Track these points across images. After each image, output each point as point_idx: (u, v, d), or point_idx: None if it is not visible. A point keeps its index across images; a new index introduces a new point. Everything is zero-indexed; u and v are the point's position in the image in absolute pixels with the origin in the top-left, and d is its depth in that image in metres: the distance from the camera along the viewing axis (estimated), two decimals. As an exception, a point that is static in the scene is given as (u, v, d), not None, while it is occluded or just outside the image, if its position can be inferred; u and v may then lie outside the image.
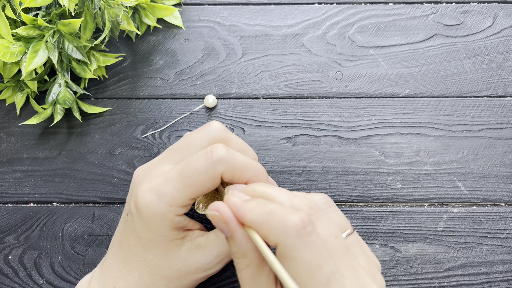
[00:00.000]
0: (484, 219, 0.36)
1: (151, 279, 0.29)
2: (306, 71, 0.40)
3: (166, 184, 0.27)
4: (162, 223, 0.27)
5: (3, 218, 0.37)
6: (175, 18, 0.41)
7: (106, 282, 0.29)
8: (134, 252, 0.29)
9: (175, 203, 0.27)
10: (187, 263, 0.29)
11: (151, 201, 0.27)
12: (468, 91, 0.39)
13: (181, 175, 0.26)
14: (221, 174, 0.26)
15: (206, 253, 0.29)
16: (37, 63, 0.33)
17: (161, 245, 0.28)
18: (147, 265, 0.29)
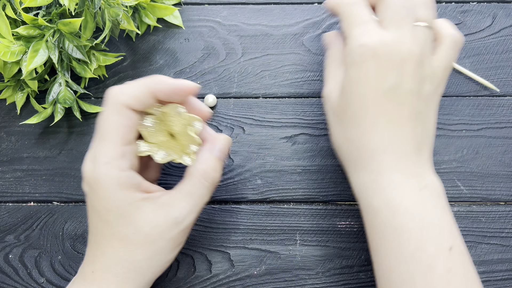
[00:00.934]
0: (483, 218, 0.36)
1: (125, 251, 0.28)
2: (306, 71, 0.40)
3: (94, 148, 0.28)
4: (110, 185, 0.27)
5: (4, 217, 0.37)
6: (175, 18, 0.41)
7: (86, 269, 0.29)
8: (100, 230, 0.28)
9: (110, 158, 0.27)
10: (156, 223, 0.28)
11: (91, 168, 0.27)
12: (468, 90, 0.39)
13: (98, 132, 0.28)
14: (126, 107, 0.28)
15: (173, 208, 0.28)
16: (37, 63, 0.33)
17: (121, 212, 0.27)
18: (116, 238, 0.28)
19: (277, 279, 0.35)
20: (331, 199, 0.37)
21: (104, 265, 0.28)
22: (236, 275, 0.35)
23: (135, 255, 0.28)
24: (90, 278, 0.29)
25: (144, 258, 0.28)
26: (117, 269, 0.28)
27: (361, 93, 0.29)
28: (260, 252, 0.35)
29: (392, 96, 0.28)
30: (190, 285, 0.35)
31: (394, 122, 0.29)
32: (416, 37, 0.29)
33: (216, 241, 0.36)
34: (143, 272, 0.29)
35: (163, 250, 0.29)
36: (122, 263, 0.28)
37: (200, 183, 0.29)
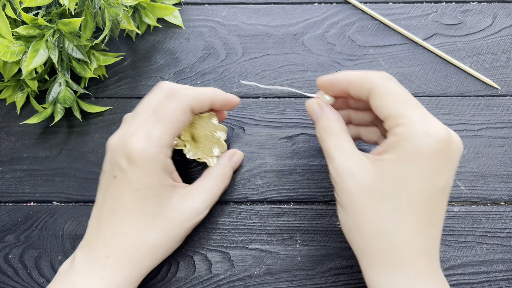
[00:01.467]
0: (484, 218, 0.36)
1: (148, 233, 0.30)
2: (306, 71, 0.40)
3: (151, 130, 0.29)
4: (157, 166, 0.29)
5: (4, 217, 0.37)
6: (175, 18, 0.41)
7: (97, 254, 0.29)
8: (131, 209, 0.29)
9: (163, 143, 0.29)
10: (181, 210, 0.31)
11: (144, 146, 0.28)
12: (468, 90, 0.39)
13: (160, 119, 0.29)
14: (190, 107, 0.30)
15: (196, 199, 0.32)
16: (37, 63, 0.33)
17: (157, 192, 0.29)
18: (144, 219, 0.29)
19: (277, 279, 0.35)
20: (332, 199, 0.37)
21: (123, 248, 0.29)
22: (236, 275, 0.35)
23: (156, 237, 0.30)
24: (102, 263, 0.29)
25: (163, 242, 0.30)
26: (134, 253, 0.29)
27: (415, 187, 0.26)
28: (260, 252, 0.35)
29: (441, 195, 0.27)
30: (190, 285, 0.35)
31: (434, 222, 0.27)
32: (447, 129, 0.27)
33: (216, 241, 0.36)
34: (155, 258, 0.30)
35: (179, 237, 0.31)
36: (142, 246, 0.29)
37: (217, 184, 0.34)
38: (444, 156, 0.26)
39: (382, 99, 0.27)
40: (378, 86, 0.27)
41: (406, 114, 0.26)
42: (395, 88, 0.27)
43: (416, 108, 0.26)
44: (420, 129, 0.25)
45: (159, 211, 0.30)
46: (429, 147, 0.25)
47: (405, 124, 0.26)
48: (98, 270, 0.29)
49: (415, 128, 0.25)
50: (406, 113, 0.26)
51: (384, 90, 0.27)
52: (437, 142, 0.25)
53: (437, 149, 0.25)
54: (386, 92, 0.27)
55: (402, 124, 0.26)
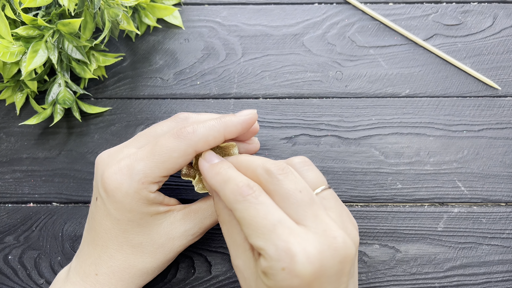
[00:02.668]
0: (484, 219, 0.36)
1: (136, 258, 0.29)
2: (306, 71, 0.40)
3: (137, 162, 0.27)
4: (137, 201, 0.27)
5: (3, 218, 0.37)
6: (175, 18, 0.41)
7: (87, 271, 0.29)
8: (113, 235, 0.28)
9: (147, 180, 0.27)
10: (172, 236, 0.29)
11: (121, 181, 0.27)
12: (468, 91, 0.39)
13: (152, 153, 0.27)
14: (193, 149, 0.27)
15: (190, 225, 0.30)
16: (36, 63, 0.33)
17: (142, 222, 0.28)
18: (130, 245, 0.28)
19: (277, 280, 0.35)
20: (332, 200, 0.37)
21: (111, 269, 0.28)
22: (235, 276, 0.35)
23: (144, 262, 0.29)
24: (92, 280, 0.28)
25: (152, 266, 0.29)
26: (124, 274, 0.29)
27: None
28: (260, 253, 0.35)
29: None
30: (190, 286, 0.35)
31: None
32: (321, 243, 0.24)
33: (216, 242, 0.36)
34: (147, 277, 0.30)
35: (169, 260, 0.30)
36: (130, 268, 0.29)
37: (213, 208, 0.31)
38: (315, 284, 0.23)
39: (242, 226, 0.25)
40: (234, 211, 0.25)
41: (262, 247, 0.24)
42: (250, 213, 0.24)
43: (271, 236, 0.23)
44: (276, 266, 0.23)
45: (146, 239, 0.29)
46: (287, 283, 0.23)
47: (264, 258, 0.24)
48: (90, 286, 0.28)
49: (272, 265, 0.23)
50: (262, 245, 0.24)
51: (239, 215, 0.24)
52: (295, 277, 0.23)
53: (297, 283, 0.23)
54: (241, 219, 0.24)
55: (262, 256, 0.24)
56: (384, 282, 0.35)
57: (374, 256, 0.35)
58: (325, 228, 0.24)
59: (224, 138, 0.28)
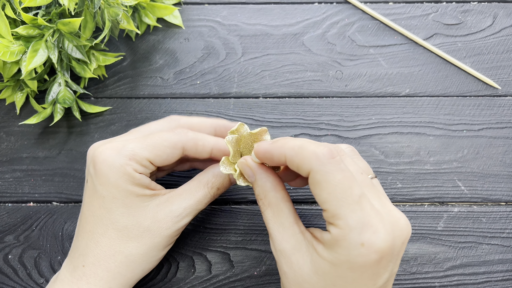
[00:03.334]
0: (484, 219, 0.36)
1: (121, 242, 0.28)
2: (306, 71, 0.40)
3: (128, 142, 0.28)
4: (122, 176, 0.28)
5: (3, 218, 0.37)
6: (175, 18, 0.41)
7: (75, 263, 0.29)
8: (99, 217, 0.28)
9: (134, 158, 0.28)
10: (157, 218, 0.29)
11: (109, 154, 0.28)
12: (468, 90, 0.39)
13: (144, 138, 0.29)
14: (182, 145, 0.29)
15: (175, 206, 0.29)
16: (37, 63, 0.33)
17: (127, 202, 0.28)
18: (115, 228, 0.28)
19: (277, 280, 0.35)
20: (332, 199, 0.37)
21: (97, 258, 0.28)
22: (236, 275, 0.35)
23: (130, 248, 0.28)
24: (79, 273, 0.28)
25: (139, 252, 0.29)
26: (109, 263, 0.28)
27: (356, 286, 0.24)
28: (260, 253, 0.35)
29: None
30: (190, 285, 0.35)
31: None
32: (391, 222, 0.24)
33: (216, 242, 0.36)
34: (135, 268, 0.29)
35: (157, 247, 0.29)
36: (116, 255, 0.28)
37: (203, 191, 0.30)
38: (383, 262, 0.23)
39: (320, 189, 0.24)
40: (315, 172, 0.24)
41: (342, 215, 0.23)
42: (334, 177, 0.23)
43: (355, 207, 0.23)
44: (355, 238, 0.23)
45: (131, 221, 0.28)
46: (364, 259, 0.23)
47: (340, 227, 0.23)
48: (76, 279, 0.28)
49: (350, 236, 0.23)
50: (342, 214, 0.23)
51: (321, 178, 0.24)
52: (374, 253, 0.23)
53: (373, 260, 0.23)
54: (323, 181, 0.23)
55: (337, 225, 0.23)
56: (384, 281, 0.35)
57: (374, 256, 0.35)
58: (390, 209, 0.25)
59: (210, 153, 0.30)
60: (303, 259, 0.25)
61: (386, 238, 0.23)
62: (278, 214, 0.26)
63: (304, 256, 0.25)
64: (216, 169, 0.31)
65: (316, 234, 0.26)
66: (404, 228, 0.24)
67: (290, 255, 0.26)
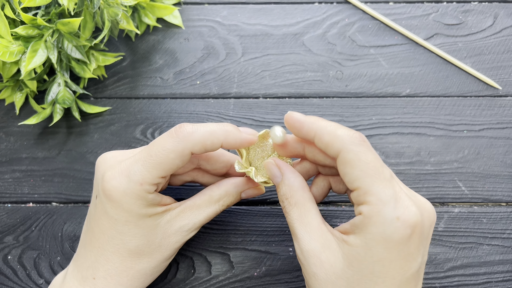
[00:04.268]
0: (485, 219, 0.36)
1: (133, 260, 0.28)
2: (307, 71, 0.40)
3: (135, 164, 0.27)
4: (135, 202, 0.27)
5: (2, 218, 0.37)
6: (174, 18, 0.41)
7: (84, 274, 0.29)
8: (110, 237, 0.28)
9: (145, 182, 0.27)
10: (167, 233, 0.29)
11: (120, 182, 0.27)
12: (469, 90, 0.39)
13: (149, 154, 0.27)
14: (189, 150, 0.27)
15: (185, 221, 0.29)
16: (36, 63, 0.33)
17: (139, 224, 0.28)
18: (126, 248, 0.28)
19: (277, 281, 0.35)
20: (332, 200, 0.36)
21: (108, 273, 0.28)
22: (236, 276, 0.35)
23: (142, 264, 0.29)
24: (90, 284, 0.28)
25: (150, 266, 0.29)
26: (121, 277, 0.28)
27: (386, 277, 0.24)
28: (260, 254, 0.35)
29: (415, 278, 0.25)
30: (189, 286, 0.35)
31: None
32: (419, 204, 0.25)
33: (216, 242, 0.36)
34: (146, 278, 0.30)
35: (167, 258, 0.30)
36: (128, 271, 0.28)
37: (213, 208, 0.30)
38: (416, 239, 0.23)
39: (351, 167, 0.24)
40: (347, 151, 0.24)
41: (375, 191, 0.23)
42: (367, 156, 0.24)
43: (387, 184, 0.24)
44: (390, 212, 0.23)
45: (143, 241, 0.28)
46: (399, 234, 0.23)
47: (373, 204, 0.23)
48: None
49: (384, 211, 0.23)
50: (375, 190, 0.23)
51: (354, 156, 0.24)
52: (408, 227, 0.23)
53: (408, 235, 0.23)
54: (356, 159, 0.24)
55: (369, 202, 0.23)
56: (384, 282, 0.35)
57: (374, 256, 0.35)
58: (414, 193, 0.25)
59: (221, 147, 0.28)
60: (334, 255, 0.25)
61: (418, 214, 0.23)
62: (305, 213, 0.26)
63: (335, 253, 0.25)
64: (230, 187, 0.30)
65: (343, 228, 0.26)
66: (431, 211, 0.25)
67: (319, 254, 0.25)
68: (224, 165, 0.31)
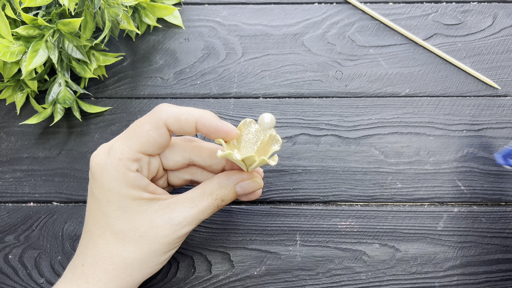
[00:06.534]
0: (484, 219, 0.36)
1: (118, 245, 0.28)
2: (306, 71, 0.40)
3: (116, 141, 0.28)
4: (116, 179, 0.27)
5: (3, 218, 0.37)
6: (175, 18, 0.41)
7: (76, 262, 0.29)
8: (96, 219, 0.28)
9: (124, 156, 0.27)
10: (155, 224, 0.28)
11: (101, 158, 0.28)
12: (468, 90, 0.39)
13: (127, 131, 0.28)
14: (163, 121, 0.28)
15: (175, 213, 0.29)
16: (37, 63, 0.33)
17: (122, 205, 0.28)
18: (111, 231, 0.28)
19: (277, 280, 0.35)
20: (331, 199, 0.37)
21: (95, 258, 0.28)
22: (236, 275, 0.35)
23: (127, 252, 0.28)
24: (79, 271, 0.28)
25: (136, 257, 0.28)
26: (106, 264, 0.28)
27: None
28: (260, 253, 0.35)
29: None
30: (190, 285, 0.35)
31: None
32: None
33: (216, 242, 0.36)
34: (133, 272, 0.28)
35: (156, 253, 0.29)
36: (113, 258, 0.28)
37: (207, 201, 0.29)
38: None
39: None
40: None
41: None
42: None
43: None
44: None
45: (127, 225, 0.28)
46: None
47: None
48: (76, 278, 0.28)
49: None
50: None
51: None
52: None
53: None
54: None
55: None
56: (384, 281, 0.35)
57: (374, 256, 0.35)
58: None
59: (195, 127, 0.28)
60: None
61: None
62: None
63: None
64: (222, 178, 0.30)
65: None
66: None
67: None
68: (218, 161, 0.31)
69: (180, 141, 0.31)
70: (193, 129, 0.28)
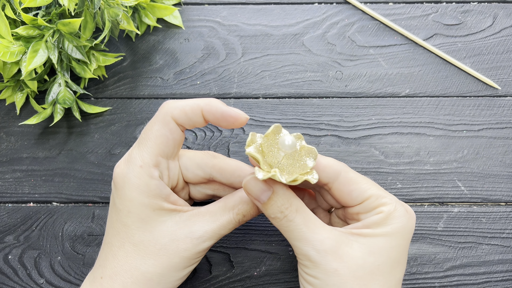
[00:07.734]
0: (484, 219, 0.36)
1: (137, 258, 0.27)
2: (306, 71, 0.40)
3: (133, 149, 0.28)
4: (137, 188, 0.27)
5: (3, 218, 0.37)
6: (175, 18, 0.41)
7: (95, 274, 0.28)
8: (117, 231, 0.28)
9: (144, 163, 0.27)
10: (176, 237, 0.27)
11: (122, 167, 0.28)
12: (468, 90, 0.39)
13: (140, 138, 0.28)
14: (170, 115, 0.27)
15: (196, 227, 0.28)
16: (37, 63, 0.33)
17: (142, 216, 0.27)
18: (131, 242, 0.27)
19: (277, 280, 0.35)
20: (331, 199, 0.37)
21: (114, 271, 0.27)
22: (236, 276, 0.35)
23: (147, 265, 0.27)
24: (97, 284, 0.28)
25: (156, 271, 0.27)
26: (125, 278, 0.27)
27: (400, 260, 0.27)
28: (260, 253, 0.35)
29: None
30: (190, 286, 0.35)
31: None
32: None
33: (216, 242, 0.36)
34: (151, 286, 0.28)
35: (176, 267, 0.28)
36: (132, 271, 0.27)
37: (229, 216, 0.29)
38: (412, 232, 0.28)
39: (358, 183, 0.28)
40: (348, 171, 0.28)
41: (385, 195, 0.28)
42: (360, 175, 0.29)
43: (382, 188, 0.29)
44: (402, 208, 0.27)
45: (148, 236, 0.27)
46: (411, 224, 0.27)
47: (390, 204, 0.27)
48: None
49: (398, 208, 0.27)
50: (384, 194, 0.28)
51: (355, 175, 0.28)
52: (413, 218, 0.28)
53: (414, 223, 0.28)
54: (358, 176, 0.28)
55: (387, 203, 0.27)
56: (384, 281, 0.35)
57: (374, 256, 0.35)
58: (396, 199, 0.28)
59: (202, 115, 0.28)
60: (352, 247, 0.26)
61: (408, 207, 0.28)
62: (309, 217, 0.27)
63: (351, 245, 0.26)
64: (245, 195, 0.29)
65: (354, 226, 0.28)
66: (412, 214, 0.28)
67: (337, 249, 0.26)
68: (240, 179, 0.30)
69: (202, 155, 0.31)
70: (200, 118, 0.28)
